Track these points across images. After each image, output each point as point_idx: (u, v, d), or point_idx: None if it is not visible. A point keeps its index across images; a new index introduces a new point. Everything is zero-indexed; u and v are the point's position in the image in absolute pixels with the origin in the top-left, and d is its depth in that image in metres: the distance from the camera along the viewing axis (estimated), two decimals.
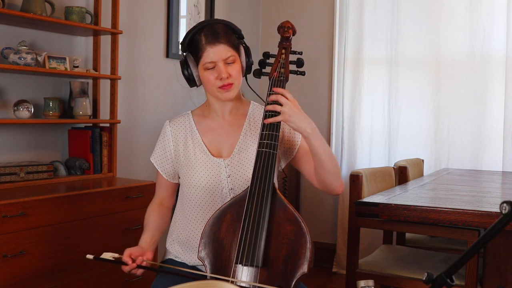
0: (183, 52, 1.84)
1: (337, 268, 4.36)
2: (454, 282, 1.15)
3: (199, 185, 1.81)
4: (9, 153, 2.86)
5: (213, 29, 1.76)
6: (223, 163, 1.82)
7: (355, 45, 4.30)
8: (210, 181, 1.81)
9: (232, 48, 1.77)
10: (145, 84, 3.68)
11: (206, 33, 1.76)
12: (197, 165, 1.82)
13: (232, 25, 1.82)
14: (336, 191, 1.81)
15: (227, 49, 1.75)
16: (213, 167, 1.81)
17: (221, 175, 1.81)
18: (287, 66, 1.81)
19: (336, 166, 1.77)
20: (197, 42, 1.77)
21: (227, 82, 1.76)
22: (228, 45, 1.76)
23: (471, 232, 2.26)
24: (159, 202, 1.95)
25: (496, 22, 3.91)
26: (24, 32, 2.90)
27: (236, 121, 1.88)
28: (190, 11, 4.03)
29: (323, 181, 1.79)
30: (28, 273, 2.41)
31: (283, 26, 1.84)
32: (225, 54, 1.75)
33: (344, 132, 4.32)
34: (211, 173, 1.81)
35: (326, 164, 1.73)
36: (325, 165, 1.74)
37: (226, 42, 1.75)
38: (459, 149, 4.03)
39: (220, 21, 1.81)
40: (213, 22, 1.80)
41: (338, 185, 1.80)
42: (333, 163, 1.75)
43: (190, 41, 1.80)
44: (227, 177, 1.81)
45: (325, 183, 1.79)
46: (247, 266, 1.59)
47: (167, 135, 1.89)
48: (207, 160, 1.82)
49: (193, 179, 1.82)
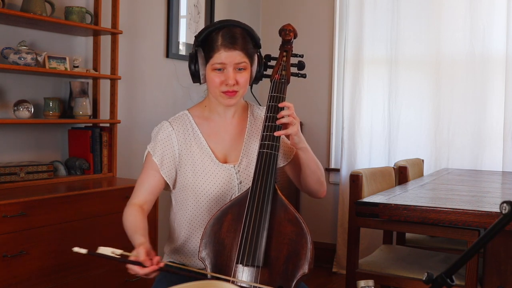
0: (194, 46, 1.77)
1: (337, 268, 4.36)
2: (454, 282, 1.15)
3: (209, 194, 1.77)
4: (9, 153, 2.86)
5: (232, 33, 1.71)
6: (233, 169, 1.79)
7: (355, 45, 4.30)
8: (221, 189, 1.77)
9: (246, 55, 1.72)
10: (145, 84, 3.68)
11: (224, 35, 1.70)
12: (206, 173, 1.77)
13: (252, 31, 1.76)
14: (319, 196, 1.93)
15: (241, 55, 1.70)
16: (224, 175, 1.78)
17: (232, 182, 1.78)
18: (288, 68, 1.81)
19: (323, 175, 1.88)
20: (212, 41, 1.72)
21: (232, 89, 1.72)
22: (243, 52, 1.71)
23: (471, 232, 2.26)
24: (141, 204, 1.74)
25: (496, 22, 3.91)
26: (24, 32, 2.90)
27: (238, 124, 1.86)
28: (190, 11, 4.03)
29: (308, 188, 1.89)
30: (28, 273, 2.41)
31: (285, 29, 1.84)
32: (238, 59, 1.70)
33: (344, 132, 4.32)
34: (222, 181, 1.77)
35: (315, 174, 1.84)
36: (314, 175, 1.85)
37: (242, 49, 1.71)
38: (459, 149, 4.03)
39: (241, 24, 1.76)
40: (233, 24, 1.74)
41: (322, 190, 1.91)
42: (321, 172, 1.86)
43: (205, 37, 1.74)
44: (239, 184, 1.79)
45: (311, 189, 1.90)
46: (248, 266, 1.58)
47: (171, 138, 1.79)
48: (216, 168, 1.78)
49: (201, 188, 1.77)
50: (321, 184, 1.88)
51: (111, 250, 1.49)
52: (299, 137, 1.74)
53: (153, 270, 1.48)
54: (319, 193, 1.91)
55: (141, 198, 1.76)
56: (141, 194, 1.77)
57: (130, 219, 1.70)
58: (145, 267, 1.47)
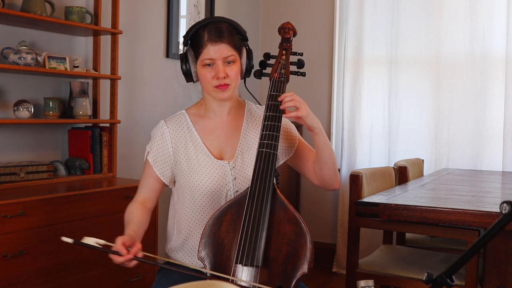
0: (184, 46, 1.81)
1: (337, 268, 4.36)
2: (454, 282, 1.15)
3: (204, 189, 1.78)
4: (9, 153, 2.86)
5: (218, 27, 1.74)
6: (228, 165, 1.80)
7: (355, 45, 4.30)
8: (216, 185, 1.78)
9: (234, 48, 1.75)
10: (145, 84, 3.68)
11: (210, 30, 1.73)
12: (201, 169, 1.79)
13: (237, 25, 1.79)
14: (334, 186, 1.87)
15: (229, 49, 1.73)
16: (218, 171, 1.79)
17: (226, 178, 1.79)
18: (288, 67, 1.81)
19: (336, 162, 1.84)
20: (199, 38, 1.75)
21: (223, 82, 1.74)
22: (230, 45, 1.74)
23: (471, 232, 2.26)
24: (142, 202, 1.83)
25: (496, 22, 3.91)
26: (24, 32, 2.90)
27: (234, 121, 1.87)
28: (190, 11, 4.03)
29: (323, 177, 1.84)
30: (28, 273, 2.41)
31: (284, 28, 1.84)
32: (226, 53, 1.73)
33: (344, 132, 4.32)
34: (216, 176, 1.78)
35: (330, 160, 1.80)
36: (329, 161, 1.80)
37: (229, 42, 1.73)
38: (459, 149, 4.03)
39: (226, 19, 1.79)
40: (218, 20, 1.78)
41: (337, 180, 1.86)
42: (334, 159, 1.83)
43: (192, 35, 1.77)
44: (233, 180, 1.80)
45: (325, 179, 1.84)
46: (247, 266, 1.58)
47: (165, 136, 1.82)
48: (210, 163, 1.79)
49: (196, 183, 1.79)
50: (335, 172, 1.83)
51: (95, 241, 1.58)
52: (312, 118, 1.71)
53: (128, 259, 1.56)
54: (334, 182, 1.85)
55: (142, 196, 1.85)
56: (142, 192, 1.85)
57: (127, 215, 1.80)
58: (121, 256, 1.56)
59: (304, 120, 1.70)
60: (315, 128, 1.73)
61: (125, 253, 1.56)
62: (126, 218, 1.79)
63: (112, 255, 1.57)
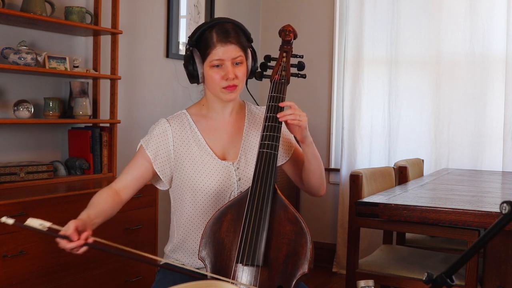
0: (189, 47, 1.79)
1: (337, 268, 4.36)
2: (454, 282, 1.15)
3: (208, 190, 1.77)
4: (9, 153, 2.86)
5: (225, 28, 1.74)
6: (232, 166, 1.80)
7: (355, 45, 4.30)
8: (220, 186, 1.78)
9: (241, 49, 1.75)
10: (145, 84, 3.68)
11: (218, 31, 1.73)
12: (205, 169, 1.78)
13: (242, 26, 1.80)
14: (320, 193, 1.93)
15: (237, 49, 1.74)
16: (223, 171, 1.79)
17: (231, 179, 1.79)
18: (288, 69, 1.82)
19: (323, 171, 1.89)
20: (207, 39, 1.74)
21: (232, 83, 1.74)
22: (238, 46, 1.74)
23: (471, 232, 2.26)
24: (119, 189, 1.76)
25: (496, 22, 3.91)
26: (24, 32, 2.90)
27: (236, 122, 1.87)
28: (190, 11, 4.03)
29: (310, 184, 1.89)
30: (28, 273, 2.41)
31: (285, 30, 1.85)
32: (235, 53, 1.73)
33: (344, 132, 4.32)
34: (221, 177, 1.78)
35: (317, 169, 1.84)
36: (317, 170, 1.84)
37: (237, 43, 1.74)
38: (459, 149, 4.03)
39: (232, 20, 1.79)
40: (224, 21, 1.78)
41: (323, 188, 1.91)
42: (322, 168, 1.87)
43: (199, 36, 1.76)
44: (238, 181, 1.80)
45: (312, 186, 1.90)
46: (248, 266, 1.59)
47: (167, 135, 1.80)
48: (215, 164, 1.79)
49: (200, 184, 1.78)
50: (322, 180, 1.89)
51: (39, 222, 1.46)
52: (307, 130, 1.76)
53: (79, 245, 1.48)
54: (320, 190, 1.91)
55: (123, 183, 1.78)
56: (124, 179, 1.79)
57: (94, 198, 1.73)
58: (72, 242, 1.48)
59: (301, 130, 1.73)
60: (307, 140, 1.77)
61: (76, 239, 1.49)
62: (91, 200, 1.71)
63: (60, 240, 1.49)
